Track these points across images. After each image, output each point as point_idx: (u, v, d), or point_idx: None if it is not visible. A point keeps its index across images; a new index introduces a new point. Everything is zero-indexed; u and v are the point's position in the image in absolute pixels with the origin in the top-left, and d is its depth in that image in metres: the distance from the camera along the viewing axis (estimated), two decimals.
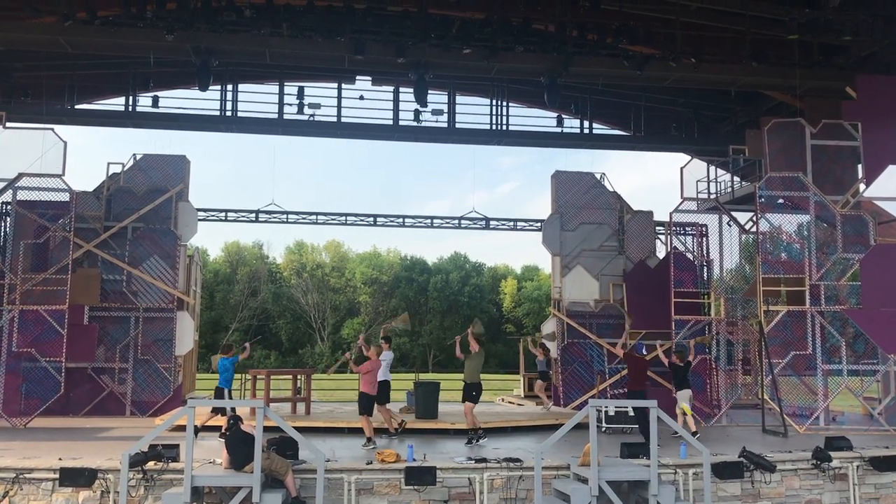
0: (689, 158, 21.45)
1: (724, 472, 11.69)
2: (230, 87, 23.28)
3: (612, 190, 23.11)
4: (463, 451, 13.26)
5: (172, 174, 20.77)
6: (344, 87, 23.74)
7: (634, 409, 14.84)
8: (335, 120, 23.66)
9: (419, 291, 78.00)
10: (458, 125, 24.19)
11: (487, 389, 20.47)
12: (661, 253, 22.88)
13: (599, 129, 26.58)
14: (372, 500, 11.10)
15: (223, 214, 26.97)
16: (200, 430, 13.90)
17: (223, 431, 13.00)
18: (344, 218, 27.99)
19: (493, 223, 28.03)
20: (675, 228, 21.30)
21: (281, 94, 23.46)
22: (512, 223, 28.38)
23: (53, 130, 18.05)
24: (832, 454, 12.36)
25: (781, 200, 18.74)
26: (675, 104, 25.56)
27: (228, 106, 23.24)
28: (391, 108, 23.93)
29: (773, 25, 19.23)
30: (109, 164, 20.78)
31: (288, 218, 27.37)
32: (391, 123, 23.92)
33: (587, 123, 25.21)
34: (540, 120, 25.80)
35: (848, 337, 17.97)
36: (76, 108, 23.28)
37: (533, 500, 10.93)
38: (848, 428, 17.01)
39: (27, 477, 10.80)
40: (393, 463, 11.38)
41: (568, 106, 24.78)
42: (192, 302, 21.80)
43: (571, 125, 25.38)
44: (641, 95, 24.97)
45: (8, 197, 18.20)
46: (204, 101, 22.93)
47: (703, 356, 19.39)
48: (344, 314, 77.46)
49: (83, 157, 65.74)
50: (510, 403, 23.17)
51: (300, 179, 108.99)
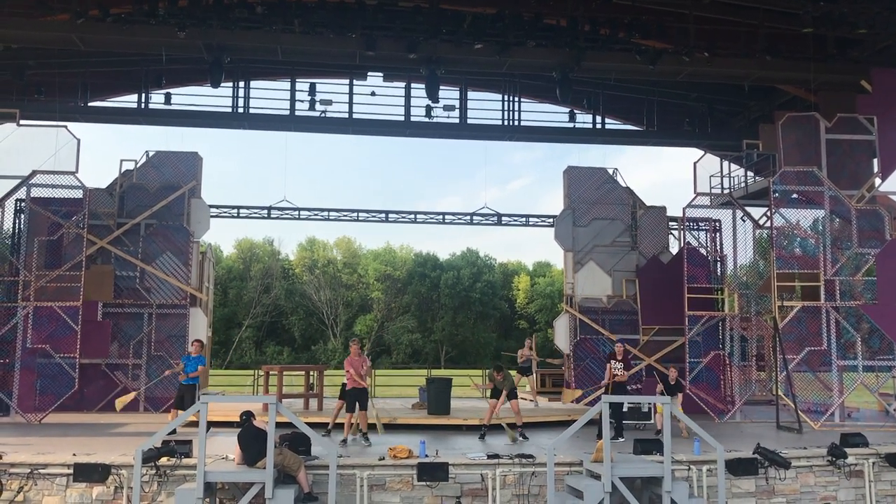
0: (702, 153, 21.32)
1: (738, 468, 11.65)
2: (242, 83, 23.27)
3: (624, 185, 23.04)
4: (476, 446, 13.26)
5: (185, 171, 20.90)
6: (355, 83, 23.68)
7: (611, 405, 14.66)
8: (347, 116, 23.60)
9: (431, 287, 78.21)
10: (469, 121, 24.08)
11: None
12: (674, 248, 22.81)
13: (612, 124, 26.43)
14: (384, 495, 11.11)
15: (235, 211, 26.99)
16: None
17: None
18: (356, 214, 27.93)
19: (505, 219, 27.88)
20: (688, 224, 21.23)
21: (293, 90, 23.43)
22: (524, 219, 28.24)
23: (67, 128, 18.20)
24: (847, 451, 12.31)
25: (796, 195, 18.59)
26: (688, 99, 25.37)
27: (240, 102, 23.23)
28: (402, 104, 23.83)
29: (786, 19, 19.05)
30: (122, 161, 20.98)
31: (300, 214, 27.34)
32: (403, 119, 23.83)
33: (599, 118, 25.04)
34: (552, 115, 25.65)
35: (863, 333, 17.85)
36: (89, 105, 23.31)
37: (545, 496, 10.91)
38: (863, 424, 16.93)
39: (42, 472, 10.91)
40: (405, 459, 11.39)
41: (580, 101, 24.63)
42: (205, 298, 21.88)
43: (584, 120, 25.18)
44: (654, 90, 24.79)
45: (22, 194, 18.37)
46: (216, 97, 22.96)
47: (716, 352, 19.31)
48: (356, 310, 77.76)
49: (96, 154, 66.05)
50: (522, 399, 23.09)
51: (312, 176, 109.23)
